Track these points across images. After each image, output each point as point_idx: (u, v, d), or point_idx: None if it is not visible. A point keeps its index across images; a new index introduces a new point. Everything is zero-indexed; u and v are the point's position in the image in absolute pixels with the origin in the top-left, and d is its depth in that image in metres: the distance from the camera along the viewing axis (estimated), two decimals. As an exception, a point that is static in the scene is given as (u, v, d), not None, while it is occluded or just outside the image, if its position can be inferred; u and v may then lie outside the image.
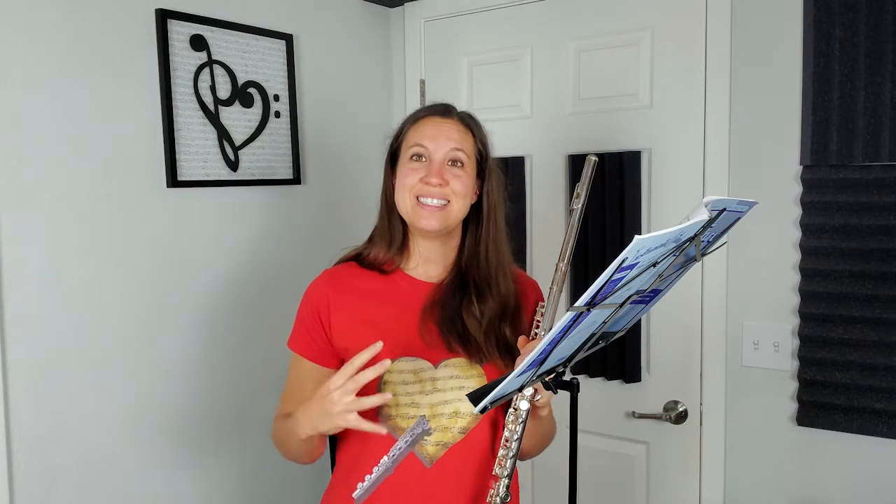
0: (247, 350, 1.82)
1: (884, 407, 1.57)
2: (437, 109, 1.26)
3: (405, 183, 1.21)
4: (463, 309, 1.20)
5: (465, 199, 1.22)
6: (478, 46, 2.14)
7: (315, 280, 1.30)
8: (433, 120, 1.24)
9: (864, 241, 1.58)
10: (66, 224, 1.47)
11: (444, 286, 1.25)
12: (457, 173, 1.20)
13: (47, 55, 1.43)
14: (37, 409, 1.43)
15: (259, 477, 1.88)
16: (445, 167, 1.20)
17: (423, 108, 1.29)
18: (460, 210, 1.22)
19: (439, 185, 1.18)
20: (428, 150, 1.21)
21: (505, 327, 1.21)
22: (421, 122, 1.24)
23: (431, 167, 1.20)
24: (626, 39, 1.88)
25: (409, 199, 1.20)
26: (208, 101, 1.71)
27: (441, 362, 1.20)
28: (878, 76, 1.53)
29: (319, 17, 2.03)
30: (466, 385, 1.18)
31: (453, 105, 1.29)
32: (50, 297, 1.45)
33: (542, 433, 1.29)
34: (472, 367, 1.20)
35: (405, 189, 1.21)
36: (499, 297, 1.23)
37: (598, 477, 1.98)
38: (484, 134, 1.28)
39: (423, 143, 1.21)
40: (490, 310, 1.21)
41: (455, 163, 1.21)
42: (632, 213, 1.85)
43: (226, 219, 1.78)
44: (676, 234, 0.84)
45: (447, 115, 1.24)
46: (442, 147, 1.20)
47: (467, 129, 1.25)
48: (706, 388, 1.81)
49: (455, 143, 1.21)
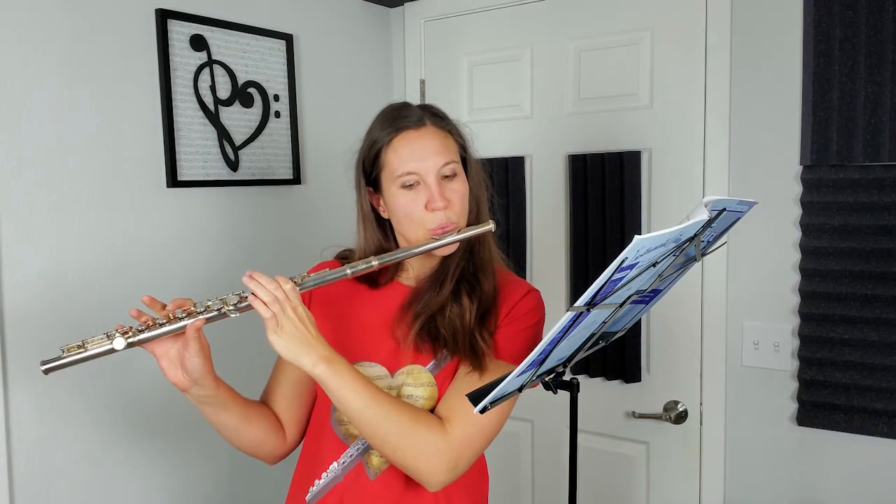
0: (247, 350, 1.82)
1: (884, 407, 1.57)
2: (407, 122, 1.14)
3: (411, 216, 1.13)
4: (438, 308, 1.14)
5: (465, 208, 1.16)
6: (478, 46, 2.14)
7: None
8: (409, 136, 1.13)
9: (864, 241, 1.57)
10: (66, 224, 1.47)
11: (423, 284, 1.19)
12: (453, 187, 1.13)
13: (47, 55, 1.43)
14: (37, 409, 1.43)
15: (258, 477, 1.88)
16: (442, 185, 1.12)
17: (388, 119, 1.16)
18: (465, 219, 1.16)
19: (445, 207, 1.11)
20: (419, 172, 1.11)
21: (481, 330, 1.13)
22: (397, 141, 1.13)
23: (430, 189, 1.11)
24: (626, 39, 1.88)
25: (421, 232, 1.13)
26: (208, 101, 1.71)
27: (398, 370, 1.15)
28: (878, 76, 1.53)
29: (319, 17, 2.03)
30: (415, 394, 1.13)
31: (408, 103, 1.20)
32: (50, 297, 1.45)
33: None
34: (423, 375, 1.14)
35: (413, 221, 1.13)
36: (479, 297, 1.15)
37: (598, 477, 1.98)
38: (458, 128, 1.20)
39: (411, 169, 1.11)
40: (467, 310, 1.13)
41: (448, 175, 1.13)
42: (632, 213, 1.85)
43: (226, 219, 1.78)
44: (676, 234, 0.84)
45: (420, 125, 1.14)
46: (432, 166, 1.11)
47: (445, 132, 1.16)
48: (706, 388, 1.82)
49: (442, 156, 1.12)
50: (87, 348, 1.02)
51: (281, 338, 1.01)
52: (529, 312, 1.16)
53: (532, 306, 1.17)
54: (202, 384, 1.08)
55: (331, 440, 1.18)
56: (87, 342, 1.03)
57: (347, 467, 1.15)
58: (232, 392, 1.16)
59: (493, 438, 1.13)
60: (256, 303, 1.01)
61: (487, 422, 1.09)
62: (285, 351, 1.01)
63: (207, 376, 1.08)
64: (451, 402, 1.10)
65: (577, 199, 1.95)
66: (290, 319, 1.01)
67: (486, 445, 1.12)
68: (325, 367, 1.01)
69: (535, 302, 1.18)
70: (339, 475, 1.16)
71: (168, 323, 1.05)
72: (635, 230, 1.84)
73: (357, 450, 1.16)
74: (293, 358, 1.01)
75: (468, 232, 1.12)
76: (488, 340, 1.12)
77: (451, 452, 1.07)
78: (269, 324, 1.01)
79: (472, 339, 1.11)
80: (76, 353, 1.02)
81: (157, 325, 1.05)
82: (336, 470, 1.16)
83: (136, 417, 1.60)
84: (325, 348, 1.03)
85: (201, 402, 1.12)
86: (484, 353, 1.11)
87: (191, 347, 1.04)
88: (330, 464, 1.17)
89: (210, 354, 1.09)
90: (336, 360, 1.03)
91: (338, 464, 1.16)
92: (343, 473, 1.16)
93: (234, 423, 1.17)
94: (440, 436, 1.06)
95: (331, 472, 1.16)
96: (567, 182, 1.99)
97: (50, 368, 1.01)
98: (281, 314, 1.00)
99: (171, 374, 1.07)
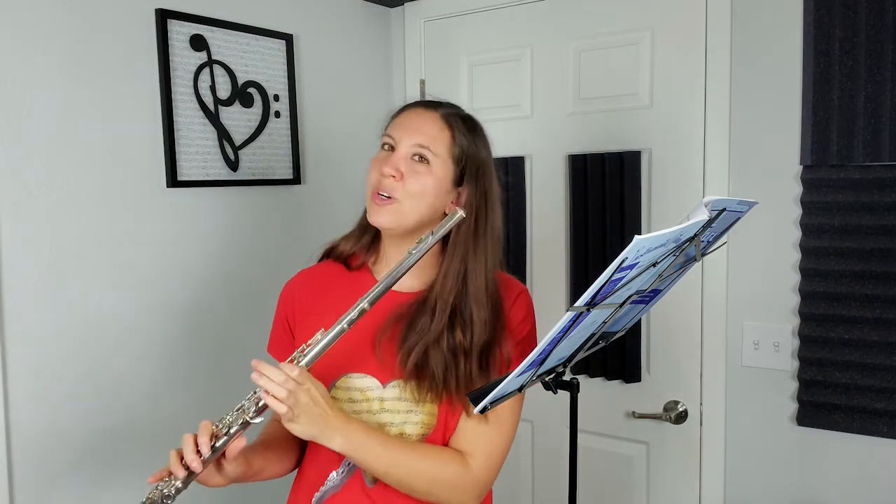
0: (246, 350, 1.81)
1: (884, 407, 1.57)
2: (426, 101, 1.17)
3: (369, 174, 1.13)
4: (428, 338, 1.09)
5: (420, 200, 1.10)
6: (478, 46, 2.14)
7: (287, 282, 1.27)
8: (414, 111, 1.15)
9: (864, 241, 1.57)
10: (66, 224, 1.47)
11: (410, 306, 1.13)
12: (418, 170, 1.09)
13: (47, 55, 1.43)
14: (37, 410, 1.43)
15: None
16: (407, 160, 1.10)
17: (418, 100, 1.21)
18: (413, 211, 1.10)
19: (392, 177, 1.09)
20: (394, 140, 1.12)
21: (471, 364, 1.09)
22: (404, 111, 1.16)
23: (391, 157, 1.11)
24: (626, 39, 1.88)
25: (368, 191, 1.13)
26: (208, 101, 1.71)
27: (390, 382, 1.13)
28: (878, 76, 1.53)
29: (319, 17, 2.03)
30: (414, 409, 1.11)
31: (452, 103, 1.19)
32: (50, 297, 1.45)
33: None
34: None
35: (368, 181, 1.13)
36: (471, 330, 1.09)
37: (598, 477, 1.98)
38: (469, 137, 1.14)
39: (391, 133, 1.13)
40: (458, 343, 1.09)
41: (419, 158, 1.10)
42: (632, 213, 1.85)
43: (226, 219, 1.78)
44: (676, 234, 0.84)
45: (430, 108, 1.14)
46: (408, 139, 1.10)
47: (447, 126, 1.12)
48: (706, 388, 1.81)
49: (422, 138, 1.10)
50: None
51: (299, 424, 1.00)
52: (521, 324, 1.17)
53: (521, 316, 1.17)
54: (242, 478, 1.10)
55: (330, 450, 1.14)
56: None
57: (346, 476, 1.15)
58: (260, 454, 1.15)
59: (509, 450, 1.17)
60: (270, 400, 0.99)
61: (502, 440, 1.13)
62: (304, 433, 1.02)
63: (244, 473, 1.09)
64: (468, 436, 1.12)
65: (577, 199, 1.95)
66: (303, 406, 0.99)
67: (503, 463, 1.16)
68: (342, 442, 1.03)
69: (524, 310, 1.18)
70: (338, 484, 1.15)
71: (210, 457, 1.02)
72: (635, 230, 1.84)
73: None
74: (312, 438, 1.02)
75: (438, 233, 1.05)
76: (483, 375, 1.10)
77: (476, 483, 1.11)
78: (286, 417, 1.00)
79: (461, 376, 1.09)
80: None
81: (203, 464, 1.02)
82: (335, 479, 1.15)
83: (136, 418, 1.60)
84: (340, 422, 1.03)
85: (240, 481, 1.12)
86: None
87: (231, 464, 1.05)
88: (329, 473, 1.16)
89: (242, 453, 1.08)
90: (352, 432, 1.04)
91: (336, 473, 1.15)
92: (342, 483, 1.15)
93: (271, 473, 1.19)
94: (464, 472, 1.10)
95: (330, 482, 1.16)
96: (567, 182, 1.99)
97: None
98: (296, 405, 0.99)
99: (212, 483, 1.06)
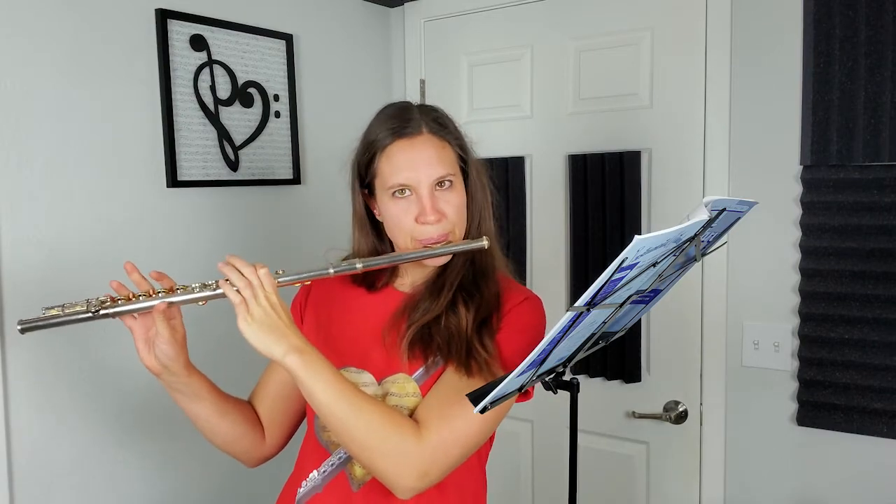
0: (246, 350, 1.82)
1: (884, 407, 1.57)
2: (404, 130, 1.10)
3: (401, 226, 1.09)
4: (433, 318, 1.09)
5: (462, 218, 1.12)
6: (478, 46, 2.14)
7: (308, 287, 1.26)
8: (404, 145, 1.09)
9: (864, 241, 1.57)
10: (65, 224, 1.47)
11: (419, 291, 1.14)
12: (447, 198, 1.09)
13: (47, 55, 1.43)
14: (37, 410, 1.43)
15: (257, 480, 1.87)
16: (435, 195, 1.08)
17: (385, 123, 1.12)
18: (462, 230, 1.12)
19: (437, 221, 1.08)
20: (411, 184, 1.08)
21: (480, 336, 1.07)
22: (391, 149, 1.09)
23: (421, 202, 1.07)
24: (626, 39, 1.88)
25: (410, 242, 1.10)
26: (208, 101, 1.71)
27: (385, 378, 1.11)
28: (878, 76, 1.53)
29: (319, 17, 2.03)
30: (400, 404, 1.08)
31: (410, 104, 1.15)
32: (50, 297, 1.45)
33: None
34: (409, 385, 1.09)
35: (402, 232, 1.10)
36: (477, 304, 1.10)
37: (598, 477, 1.98)
38: (458, 134, 1.15)
39: (402, 181, 1.07)
40: (463, 318, 1.08)
41: (442, 184, 1.09)
42: (632, 213, 1.85)
43: (226, 219, 1.78)
44: (676, 234, 0.84)
45: (416, 134, 1.09)
46: (424, 178, 1.07)
47: (441, 139, 1.11)
48: (706, 388, 1.81)
49: (437, 168, 1.08)
50: (64, 312, 1.01)
51: (251, 326, 0.95)
52: (522, 316, 1.12)
53: (526, 311, 1.12)
54: (173, 371, 1.05)
55: (314, 447, 1.15)
56: (66, 306, 1.02)
57: (328, 477, 1.11)
58: (207, 383, 1.12)
59: (472, 450, 1.05)
60: (227, 287, 0.95)
61: (466, 430, 1.02)
62: (255, 339, 0.96)
63: (177, 363, 1.04)
64: (429, 403, 1.04)
65: (577, 199, 1.95)
66: (261, 307, 0.95)
67: (463, 456, 1.04)
68: (296, 358, 0.96)
69: (530, 307, 1.13)
70: (319, 485, 1.12)
71: (142, 299, 1.01)
72: (635, 230, 1.84)
73: (339, 458, 1.12)
74: (264, 347, 0.96)
75: (459, 247, 1.08)
76: (488, 346, 1.06)
77: (422, 458, 0.99)
78: (240, 310, 0.96)
79: (469, 345, 1.06)
80: (54, 317, 1.01)
81: (134, 300, 1.02)
82: (315, 479, 1.12)
83: (136, 418, 1.60)
84: (298, 338, 0.98)
85: (173, 388, 1.09)
86: (481, 358, 1.05)
87: (160, 332, 1.01)
88: (310, 472, 1.13)
89: (184, 341, 1.06)
90: (309, 351, 0.97)
91: (318, 472, 1.12)
92: (323, 483, 1.12)
93: (207, 415, 1.13)
94: (413, 439, 0.99)
95: (310, 481, 1.13)
96: (567, 182, 1.99)
97: (26, 328, 1.00)
98: (252, 300, 0.95)
99: (143, 356, 1.04)
